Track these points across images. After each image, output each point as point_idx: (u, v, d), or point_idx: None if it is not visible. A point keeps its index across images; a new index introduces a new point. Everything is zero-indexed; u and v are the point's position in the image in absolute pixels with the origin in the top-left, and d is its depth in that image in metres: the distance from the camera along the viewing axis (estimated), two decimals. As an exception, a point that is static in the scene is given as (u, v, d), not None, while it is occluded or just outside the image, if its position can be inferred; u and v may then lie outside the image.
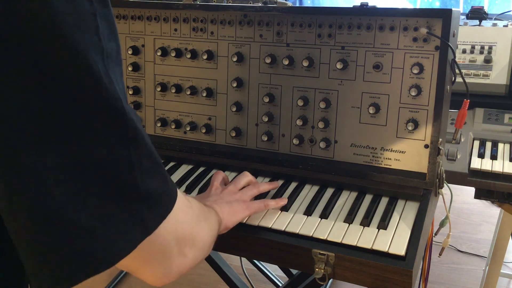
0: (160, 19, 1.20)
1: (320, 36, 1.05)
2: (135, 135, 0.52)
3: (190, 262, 0.65)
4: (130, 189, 0.52)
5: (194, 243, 0.66)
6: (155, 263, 0.59)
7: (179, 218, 0.61)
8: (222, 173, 1.03)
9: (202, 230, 0.70)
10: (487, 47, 1.58)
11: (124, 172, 0.51)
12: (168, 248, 0.60)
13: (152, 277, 0.61)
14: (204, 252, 0.70)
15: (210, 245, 0.74)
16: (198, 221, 0.69)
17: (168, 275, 0.62)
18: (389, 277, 0.84)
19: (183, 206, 0.63)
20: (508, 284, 2.29)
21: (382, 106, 1.02)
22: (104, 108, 0.49)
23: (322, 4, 4.34)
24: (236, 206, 0.92)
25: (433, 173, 0.98)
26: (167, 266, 0.61)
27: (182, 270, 0.64)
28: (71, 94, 0.47)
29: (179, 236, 0.61)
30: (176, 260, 0.62)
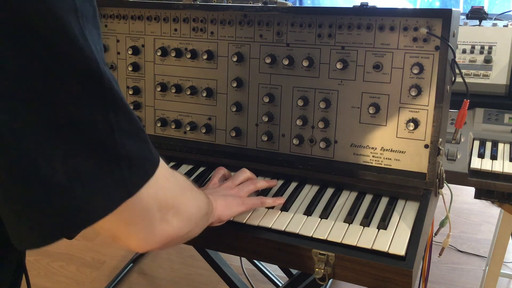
0: (160, 19, 1.20)
1: (320, 36, 1.06)
2: (113, 97, 0.53)
3: (174, 230, 0.65)
4: (108, 148, 0.53)
5: (179, 211, 0.66)
6: (137, 228, 0.60)
7: (161, 184, 0.61)
8: (223, 169, 1.04)
9: (188, 201, 0.70)
10: (487, 47, 1.58)
11: (102, 132, 0.52)
12: (149, 213, 0.60)
13: (136, 242, 0.61)
14: (190, 224, 0.71)
15: (197, 219, 0.74)
16: (183, 191, 0.70)
17: (151, 241, 0.62)
18: (389, 277, 0.84)
19: (166, 173, 0.64)
20: (508, 284, 2.29)
21: (382, 106, 1.02)
22: (79, 68, 0.49)
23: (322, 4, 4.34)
24: (232, 201, 0.92)
25: (433, 173, 0.98)
26: (150, 231, 0.61)
27: (165, 237, 0.64)
28: (46, 53, 0.47)
29: (161, 202, 0.62)
30: (158, 226, 0.62)
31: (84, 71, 0.50)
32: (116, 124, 0.53)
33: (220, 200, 0.91)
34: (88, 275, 2.41)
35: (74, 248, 2.57)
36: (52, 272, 2.43)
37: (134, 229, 0.59)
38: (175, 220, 0.65)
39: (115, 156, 0.53)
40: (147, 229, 0.61)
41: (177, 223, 0.66)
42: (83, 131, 0.50)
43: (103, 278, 2.37)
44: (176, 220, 0.65)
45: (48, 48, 0.47)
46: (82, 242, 2.60)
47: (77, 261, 2.50)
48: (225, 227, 0.93)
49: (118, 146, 0.53)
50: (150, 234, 0.62)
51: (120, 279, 2.34)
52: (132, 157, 0.55)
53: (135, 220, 0.59)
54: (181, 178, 0.72)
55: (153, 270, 2.42)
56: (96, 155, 0.52)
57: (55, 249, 2.56)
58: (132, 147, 0.55)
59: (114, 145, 0.53)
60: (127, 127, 0.54)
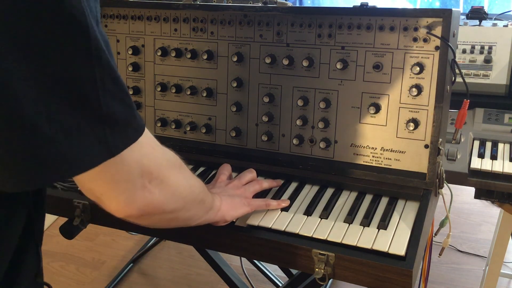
0: (160, 19, 1.20)
1: (320, 36, 1.05)
2: (99, 54, 0.54)
3: (155, 200, 0.66)
4: (92, 105, 0.54)
5: (163, 182, 0.67)
6: (118, 190, 0.61)
7: (145, 151, 0.63)
8: (229, 167, 1.05)
9: (175, 176, 0.71)
10: (487, 47, 1.57)
11: (86, 87, 0.53)
12: (131, 177, 0.61)
13: (116, 205, 0.63)
14: (176, 201, 0.71)
15: (187, 200, 0.74)
16: (170, 165, 0.70)
17: (130, 205, 0.63)
18: (389, 277, 0.83)
19: (152, 143, 0.65)
20: (508, 284, 2.29)
21: (382, 106, 1.02)
22: (66, 20, 0.51)
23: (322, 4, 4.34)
24: (238, 201, 0.93)
25: (433, 173, 0.98)
26: (130, 196, 0.62)
27: (145, 204, 0.65)
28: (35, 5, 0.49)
29: (144, 169, 0.63)
30: (139, 192, 0.63)
31: (71, 24, 0.51)
32: (100, 83, 0.54)
33: (227, 200, 0.91)
34: (88, 275, 2.41)
35: (74, 248, 2.57)
36: (52, 272, 2.43)
37: (115, 191, 0.61)
38: (157, 190, 0.66)
39: (98, 114, 0.55)
40: (127, 193, 0.62)
41: (159, 194, 0.66)
42: (68, 84, 0.52)
43: (103, 278, 2.37)
44: (158, 190, 0.66)
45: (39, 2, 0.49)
46: (82, 242, 2.60)
47: (77, 261, 2.50)
48: (225, 227, 0.93)
49: (102, 104, 0.55)
50: (130, 199, 0.63)
51: (120, 279, 2.34)
52: (115, 118, 0.56)
53: (116, 182, 0.60)
54: (171, 154, 0.73)
55: (153, 270, 2.42)
56: (80, 110, 0.53)
57: (55, 249, 2.56)
58: (115, 109, 0.56)
59: (98, 102, 0.54)
60: (112, 88, 0.56)
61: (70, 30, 0.51)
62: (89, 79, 0.53)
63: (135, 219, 0.68)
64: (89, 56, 0.53)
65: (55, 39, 0.51)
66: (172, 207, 0.71)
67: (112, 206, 0.63)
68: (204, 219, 0.85)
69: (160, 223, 0.74)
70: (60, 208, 1.08)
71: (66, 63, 0.52)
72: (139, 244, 2.60)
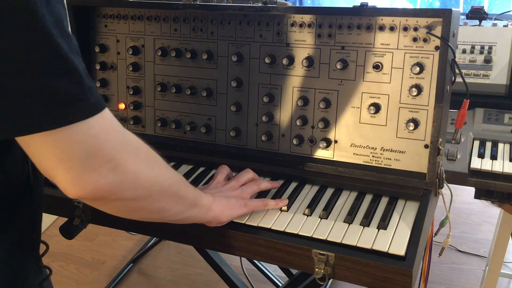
0: (160, 19, 1.20)
1: (320, 36, 1.05)
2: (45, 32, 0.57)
3: (108, 184, 0.66)
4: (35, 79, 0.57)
5: (118, 167, 0.66)
6: (63, 168, 0.62)
7: (95, 133, 0.63)
8: (227, 168, 1.04)
9: (134, 163, 0.69)
10: (487, 47, 1.57)
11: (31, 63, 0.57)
12: (74, 157, 0.62)
13: (64, 183, 0.63)
14: (135, 188, 0.70)
15: (152, 190, 0.73)
16: (130, 152, 0.69)
17: (78, 185, 0.63)
18: (389, 277, 0.83)
19: (109, 126, 0.66)
20: (508, 284, 2.29)
21: (382, 106, 1.02)
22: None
23: (322, 4, 4.34)
24: (234, 202, 0.93)
25: (433, 173, 0.98)
26: (76, 176, 0.63)
27: (96, 188, 0.65)
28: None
29: (91, 151, 0.63)
30: (87, 174, 0.63)
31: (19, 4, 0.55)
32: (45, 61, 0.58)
33: (222, 201, 0.91)
34: (88, 275, 2.41)
35: (74, 248, 2.57)
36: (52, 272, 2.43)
37: (60, 168, 0.62)
38: (110, 175, 0.65)
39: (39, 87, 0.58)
40: (73, 172, 0.62)
41: (113, 179, 0.66)
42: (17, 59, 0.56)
43: (103, 278, 2.37)
44: (112, 175, 0.65)
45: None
46: (82, 242, 2.60)
47: (77, 261, 2.50)
48: (225, 227, 0.93)
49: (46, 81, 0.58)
50: (78, 179, 0.63)
51: (120, 279, 2.34)
52: (58, 94, 0.59)
53: (61, 159, 0.61)
54: (136, 142, 0.72)
55: (153, 270, 2.42)
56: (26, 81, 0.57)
57: (55, 249, 2.56)
58: (60, 86, 0.59)
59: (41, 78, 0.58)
60: (59, 67, 0.59)
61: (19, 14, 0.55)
62: (34, 56, 0.57)
63: (90, 202, 0.68)
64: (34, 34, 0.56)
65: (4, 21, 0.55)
66: (130, 194, 0.70)
67: (62, 185, 0.64)
68: (188, 215, 0.83)
69: (124, 211, 0.74)
70: (60, 208, 1.08)
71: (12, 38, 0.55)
72: (139, 244, 2.60)
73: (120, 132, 0.69)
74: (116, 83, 1.26)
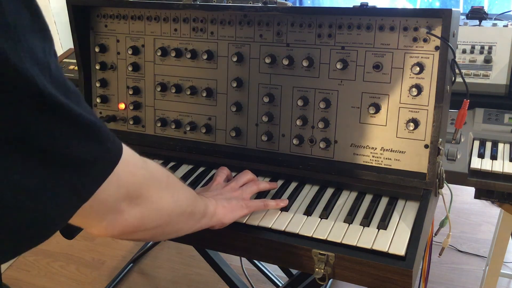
0: (160, 19, 1.20)
1: (320, 36, 1.05)
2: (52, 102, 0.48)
3: (136, 220, 0.66)
4: (52, 157, 0.49)
5: (143, 202, 0.66)
6: (97, 221, 0.61)
7: (123, 180, 0.61)
8: (226, 170, 1.05)
9: (158, 194, 0.69)
10: (487, 47, 1.57)
11: (40, 139, 0.48)
12: (107, 209, 0.61)
13: (97, 232, 0.64)
14: (160, 217, 0.71)
15: (173, 214, 0.74)
16: (154, 184, 0.69)
17: (110, 230, 0.64)
18: (389, 277, 0.84)
19: (131, 167, 0.63)
20: (508, 284, 2.29)
21: (382, 106, 1.02)
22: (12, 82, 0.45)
23: (322, 4, 4.34)
24: (235, 204, 0.93)
25: (433, 173, 0.98)
26: (110, 223, 0.63)
27: (126, 226, 0.65)
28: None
29: (122, 195, 0.62)
30: (118, 218, 0.63)
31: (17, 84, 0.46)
32: (56, 127, 0.49)
33: (223, 203, 0.91)
34: (88, 275, 2.41)
35: (74, 248, 2.57)
36: (52, 272, 2.43)
37: (95, 221, 0.61)
38: (137, 211, 0.65)
39: (62, 164, 0.51)
40: (107, 221, 0.62)
41: (140, 214, 0.66)
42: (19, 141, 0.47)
43: (103, 278, 2.37)
44: (138, 212, 0.66)
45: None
46: (82, 242, 2.60)
47: (77, 261, 2.50)
48: (225, 228, 0.93)
49: (62, 153, 0.50)
50: (111, 225, 0.63)
51: (120, 279, 2.34)
52: (81, 161, 0.52)
53: (94, 215, 0.60)
54: (155, 171, 0.71)
55: (153, 270, 2.42)
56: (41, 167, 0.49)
57: (55, 249, 2.56)
58: (80, 150, 0.52)
59: (58, 153, 0.50)
60: (68, 128, 0.51)
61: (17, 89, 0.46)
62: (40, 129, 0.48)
63: (118, 238, 0.68)
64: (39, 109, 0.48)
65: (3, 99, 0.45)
66: (154, 224, 0.71)
67: (94, 232, 0.64)
68: (197, 227, 0.85)
69: (145, 237, 0.74)
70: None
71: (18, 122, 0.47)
72: (139, 244, 2.60)
73: (144, 167, 0.67)
74: (116, 83, 1.26)
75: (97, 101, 1.28)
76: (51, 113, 0.49)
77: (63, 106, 0.50)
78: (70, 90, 0.52)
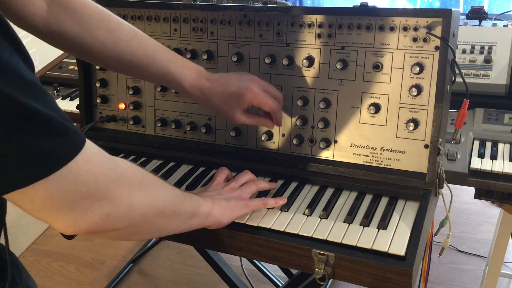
0: (160, 19, 1.20)
1: (320, 36, 1.05)
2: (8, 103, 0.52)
3: (103, 220, 0.66)
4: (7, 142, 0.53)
5: (110, 203, 0.66)
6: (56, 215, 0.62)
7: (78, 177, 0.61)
8: (226, 170, 1.05)
9: (128, 194, 0.69)
10: (487, 47, 1.57)
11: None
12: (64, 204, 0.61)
13: (58, 227, 0.64)
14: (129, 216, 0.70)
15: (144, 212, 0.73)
16: (123, 184, 0.69)
17: (72, 228, 0.64)
18: (389, 277, 0.83)
19: (95, 166, 0.63)
20: (508, 284, 2.29)
21: (382, 106, 1.02)
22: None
23: (322, 4, 4.34)
24: (234, 204, 0.93)
25: (433, 173, 0.98)
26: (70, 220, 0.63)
27: (90, 225, 0.65)
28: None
29: (78, 195, 0.62)
30: (80, 216, 0.63)
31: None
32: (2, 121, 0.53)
33: (221, 203, 0.91)
34: (88, 275, 2.41)
35: (74, 248, 2.57)
36: (52, 272, 2.43)
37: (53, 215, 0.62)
38: (104, 212, 0.65)
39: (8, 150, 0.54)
40: (66, 217, 0.62)
41: (106, 214, 0.65)
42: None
43: (103, 278, 2.37)
44: (105, 211, 0.65)
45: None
46: (82, 242, 2.60)
47: (77, 261, 2.50)
48: (224, 228, 0.93)
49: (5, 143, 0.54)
50: (72, 222, 0.63)
51: (120, 279, 2.35)
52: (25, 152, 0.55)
53: (51, 207, 0.60)
54: (126, 170, 0.71)
55: (153, 270, 2.42)
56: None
57: (55, 249, 2.56)
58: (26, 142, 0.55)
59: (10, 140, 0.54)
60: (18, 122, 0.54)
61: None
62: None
63: (88, 235, 0.68)
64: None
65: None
66: (125, 223, 0.70)
67: (56, 228, 0.64)
68: (186, 227, 0.84)
69: (122, 237, 0.74)
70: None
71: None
72: (139, 244, 2.60)
73: (110, 168, 0.67)
74: (116, 83, 1.26)
75: (97, 101, 1.28)
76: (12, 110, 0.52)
77: (10, 98, 0.52)
78: (27, 85, 0.55)
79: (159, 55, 0.99)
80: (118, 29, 0.97)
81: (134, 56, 0.97)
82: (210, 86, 1.00)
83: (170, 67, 0.99)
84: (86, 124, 1.28)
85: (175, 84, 1.02)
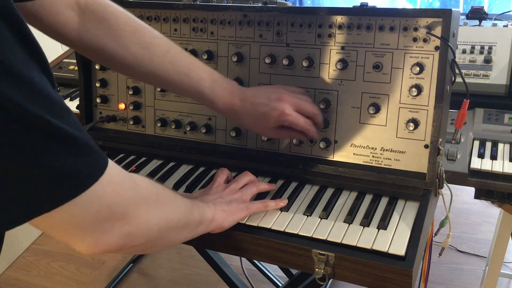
0: (160, 19, 1.20)
1: (320, 36, 1.05)
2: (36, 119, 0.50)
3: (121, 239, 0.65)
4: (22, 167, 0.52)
5: (130, 222, 0.66)
6: (78, 238, 0.62)
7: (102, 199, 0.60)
8: (226, 170, 1.05)
9: (145, 213, 0.69)
10: (487, 47, 1.57)
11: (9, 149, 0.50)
12: (87, 227, 0.61)
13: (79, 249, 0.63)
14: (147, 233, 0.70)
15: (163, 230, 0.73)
16: (141, 202, 0.69)
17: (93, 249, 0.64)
18: (389, 277, 0.84)
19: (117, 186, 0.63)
20: (508, 284, 2.29)
21: (382, 106, 1.02)
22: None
23: (322, 4, 4.34)
24: (235, 207, 0.93)
25: (433, 173, 0.98)
26: (92, 242, 0.62)
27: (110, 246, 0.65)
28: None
29: (102, 217, 0.62)
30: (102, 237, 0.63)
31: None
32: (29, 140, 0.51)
33: (223, 207, 0.91)
34: (88, 275, 2.41)
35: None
36: (52, 272, 2.43)
37: (76, 238, 0.62)
38: (123, 231, 0.65)
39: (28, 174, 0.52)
40: (88, 239, 0.62)
41: (126, 233, 0.66)
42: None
43: (103, 278, 2.37)
44: (124, 231, 0.65)
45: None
46: (82, 242, 2.60)
47: (77, 261, 2.50)
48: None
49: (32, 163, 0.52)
50: (93, 244, 0.63)
51: (120, 279, 2.35)
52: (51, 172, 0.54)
53: (70, 232, 0.60)
54: (144, 188, 0.71)
55: (153, 270, 2.42)
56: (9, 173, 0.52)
57: (55, 249, 2.56)
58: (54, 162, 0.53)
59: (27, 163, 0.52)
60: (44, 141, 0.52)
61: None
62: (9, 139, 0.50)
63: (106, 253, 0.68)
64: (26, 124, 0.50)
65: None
66: (143, 240, 0.70)
67: (77, 249, 0.63)
68: (193, 235, 0.84)
69: (134, 252, 0.75)
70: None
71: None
72: (139, 244, 2.59)
73: (131, 188, 0.67)
74: (116, 83, 1.26)
75: (97, 101, 1.28)
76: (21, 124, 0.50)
77: (38, 117, 0.51)
78: (54, 104, 0.53)
79: (192, 72, 0.97)
80: (152, 44, 0.95)
81: (167, 73, 0.96)
82: (241, 105, 0.99)
83: (203, 87, 0.98)
84: (86, 124, 1.28)
85: (208, 103, 1.01)
